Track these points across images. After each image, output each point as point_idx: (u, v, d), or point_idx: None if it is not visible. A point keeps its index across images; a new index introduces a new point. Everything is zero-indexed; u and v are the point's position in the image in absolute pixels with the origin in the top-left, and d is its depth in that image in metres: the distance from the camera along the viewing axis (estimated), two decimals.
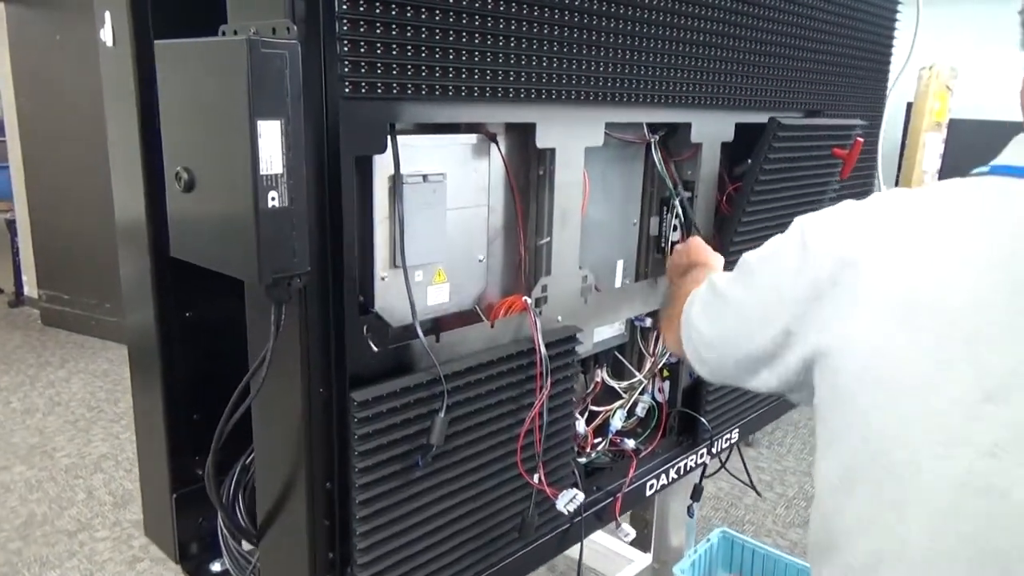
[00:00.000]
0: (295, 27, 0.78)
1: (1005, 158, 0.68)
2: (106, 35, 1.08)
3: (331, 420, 0.91)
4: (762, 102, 1.46)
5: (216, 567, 1.23)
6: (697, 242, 1.29)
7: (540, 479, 1.13)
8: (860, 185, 1.87)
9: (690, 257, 1.24)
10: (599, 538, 2.25)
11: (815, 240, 0.73)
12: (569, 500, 1.14)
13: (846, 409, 0.68)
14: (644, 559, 2.28)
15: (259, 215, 0.75)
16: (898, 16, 1.87)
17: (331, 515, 0.94)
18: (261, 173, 0.75)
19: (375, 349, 0.94)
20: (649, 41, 1.17)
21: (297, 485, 0.93)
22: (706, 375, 0.91)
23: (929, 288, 0.63)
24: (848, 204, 0.75)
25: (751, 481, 2.00)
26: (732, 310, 0.84)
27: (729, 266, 1.03)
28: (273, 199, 0.76)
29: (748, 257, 0.83)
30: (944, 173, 5.09)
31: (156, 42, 0.83)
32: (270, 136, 0.74)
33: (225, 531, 1.14)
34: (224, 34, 0.84)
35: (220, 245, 0.81)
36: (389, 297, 1.01)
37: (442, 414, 0.96)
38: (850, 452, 0.68)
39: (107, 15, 1.07)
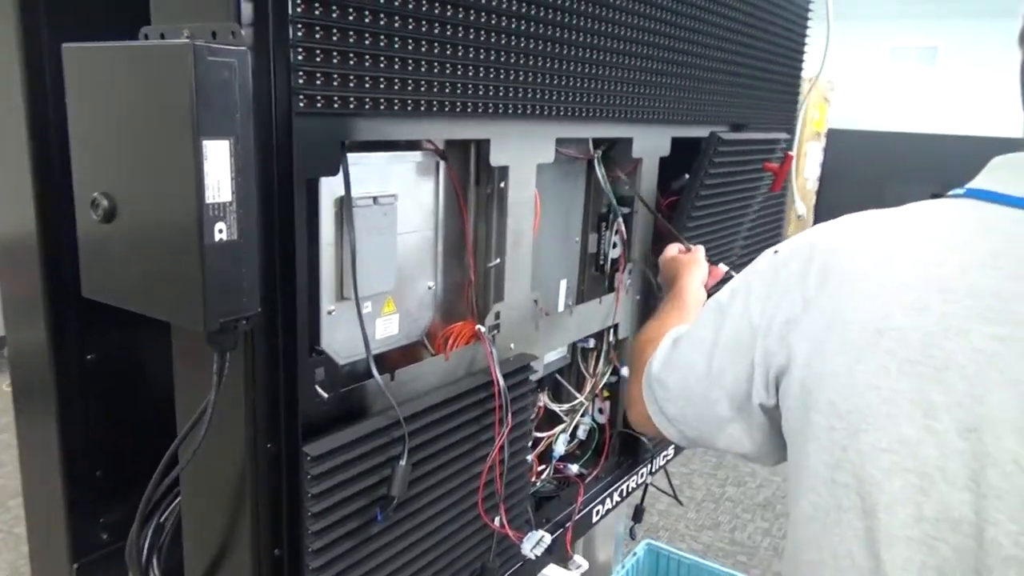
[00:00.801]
0: (242, 31, 0.67)
1: (980, 182, 0.67)
2: None
3: (280, 478, 0.80)
4: (695, 116, 1.45)
5: None
6: (681, 262, 1.25)
7: (502, 522, 1.05)
8: (778, 195, 1.91)
9: (673, 279, 1.22)
10: None
11: (787, 268, 0.71)
12: (536, 543, 1.07)
13: (815, 436, 0.66)
14: None
15: (204, 251, 0.64)
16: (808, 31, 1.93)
17: None
18: (207, 202, 0.63)
19: (327, 393, 0.83)
20: (599, 55, 1.12)
21: (239, 553, 0.81)
22: (674, 436, 0.84)
23: (901, 313, 0.61)
24: (820, 229, 0.73)
25: (673, 491, 2.00)
26: (699, 353, 0.78)
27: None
28: (220, 232, 0.65)
29: (718, 297, 0.79)
30: (824, 180, 5.41)
31: (65, 46, 0.70)
32: (217, 158, 0.63)
33: None
34: (147, 37, 0.72)
35: (151, 286, 0.69)
36: (336, 333, 0.90)
37: (404, 462, 0.87)
38: (820, 482, 0.66)
39: None
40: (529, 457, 1.30)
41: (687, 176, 1.45)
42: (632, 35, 1.19)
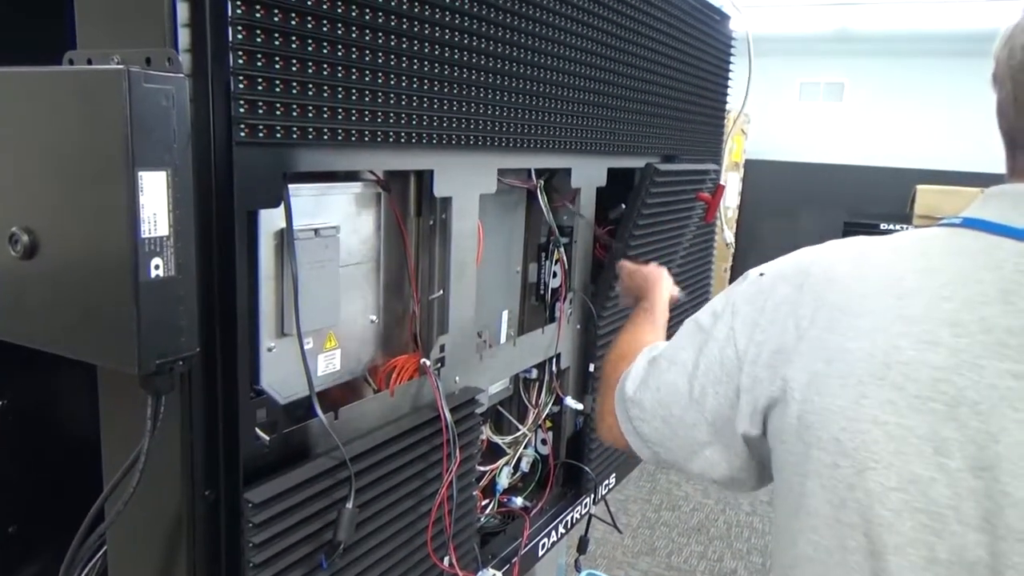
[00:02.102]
0: (179, 57, 0.64)
1: (981, 212, 0.65)
2: None
3: (219, 527, 0.75)
4: (629, 148, 1.48)
5: None
6: (652, 276, 1.26)
7: (451, 562, 1.02)
8: (710, 224, 1.95)
9: (642, 291, 1.22)
10: None
11: (775, 293, 0.69)
12: None
13: (817, 474, 0.63)
14: None
15: (139, 288, 0.60)
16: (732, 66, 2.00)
17: None
18: (143, 236, 0.59)
19: (268, 437, 0.79)
20: (539, 87, 1.13)
21: None
22: (647, 456, 0.82)
23: (909, 347, 0.59)
24: (810, 254, 0.71)
25: (613, 520, 2.00)
26: (678, 375, 0.77)
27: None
28: (157, 267, 0.61)
29: (698, 317, 0.78)
30: (743, 208, 5.62)
31: None
32: (154, 190, 0.60)
33: None
34: (72, 63, 0.68)
35: (78, 326, 0.64)
36: (276, 371, 0.86)
37: (350, 505, 0.83)
38: (822, 522, 0.64)
39: None
40: (474, 492, 1.27)
41: (623, 206, 1.47)
42: (570, 68, 1.20)
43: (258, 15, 0.69)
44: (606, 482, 1.61)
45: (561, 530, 1.46)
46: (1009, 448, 0.55)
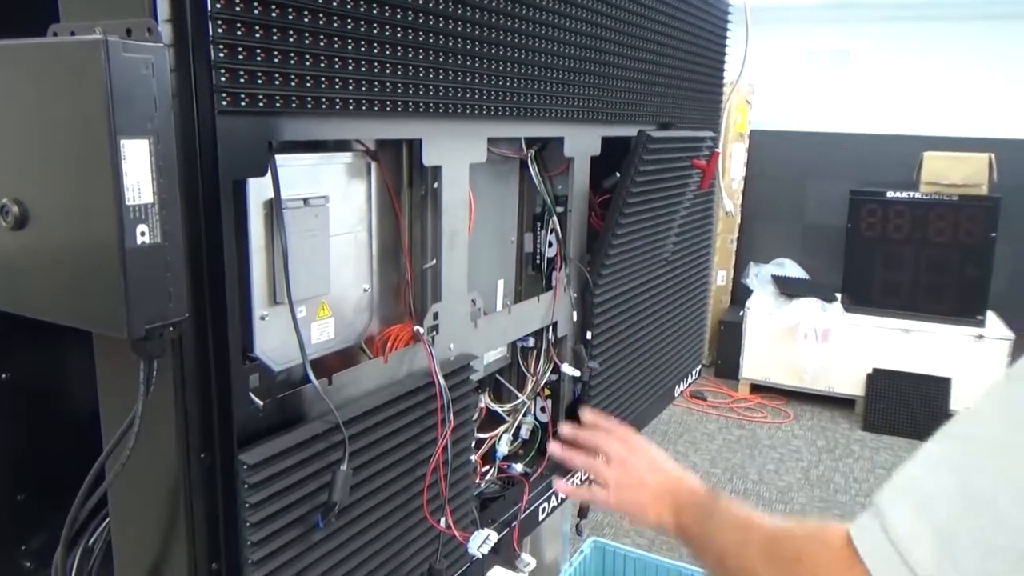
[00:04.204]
0: (158, 28, 0.65)
1: None
2: None
3: (215, 489, 0.77)
4: (623, 116, 1.48)
5: None
6: (644, 456, 0.99)
7: (448, 523, 1.04)
8: (707, 192, 1.95)
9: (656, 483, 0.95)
10: None
11: None
12: (482, 542, 1.06)
13: None
14: None
15: (126, 255, 0.61)
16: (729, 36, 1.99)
17: None
18: (127, 204, 0.61)
19: (262, 400, 0.81)
20: (529, 55, 1.13)
21: (176, 569, 0.78)
22: None
23: None
24: None
25: None
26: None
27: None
28: (143, 235, 0.63)
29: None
30: (748, 179, 5.58)
31: None
32: (137, 158, 0.61)
33: None
34: (56, 35, 0.69)
35: (70, 293, 0.66)
36: (270, 338, 0.88)
37: (344, 466, 0.85)
38: None
39: None
40: (473, 458, 1.29)
41: (618, 175, 1.48)
42: (561, 36, 1.20)
43: None
44: None
45: (561, 495, 1.48)
46: None
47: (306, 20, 0.77)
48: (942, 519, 0.56)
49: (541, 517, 1.41)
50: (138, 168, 0.61)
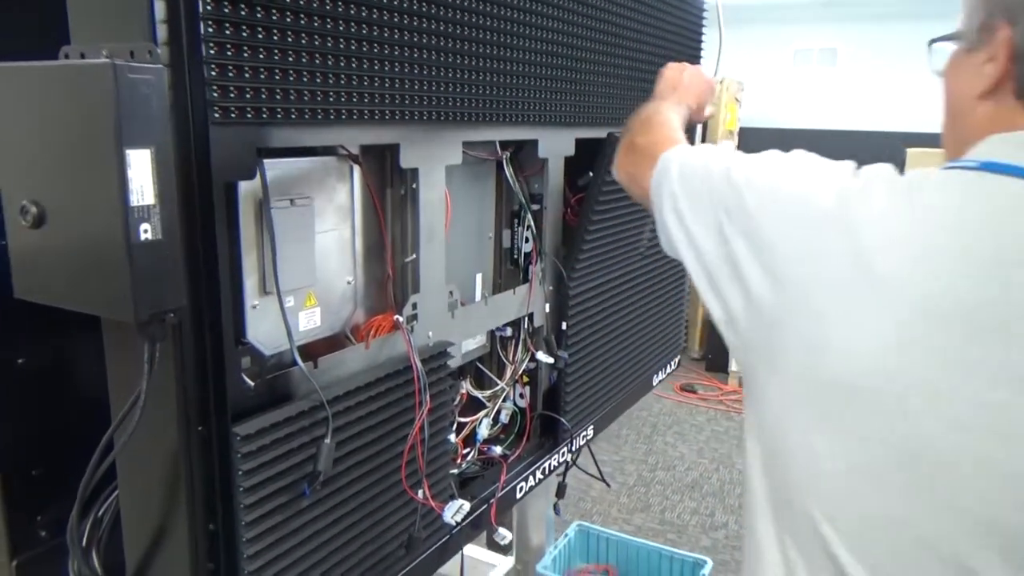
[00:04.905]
0: (158, 50, 0.74)
1: (995, 155, 0.67)
2: None
3: (211, 458, 0.87)
4: (597, 118, 1.57)
5: None
6: (699, 74, 1.29)
7: (425, 494, 1.14)
8: None
9: (682, 85, 1.26)
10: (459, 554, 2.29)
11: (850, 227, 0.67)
12: (456, 511, 1.16)
13: (855, 399, 0.66)
14: (507, 562, 2.34)
15: (131, 249, 0.71)
16: (704, 35, 2.08)
17: (215, 558, 0.89)
18: (132, 205, 0.70)
19: (252, 382, 0.91)
20: (501, 64, 1.23)
21: (177, 530, 0.88)
22: (661, 237, 0.88)
23: (964, 282, 0.62)
24: (858, 205, 0.68)
25: (600, 473, 2.12)
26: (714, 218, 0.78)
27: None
28: (146, 231, 0.72)
29: (769, 171, 0.77)
30: None
31: None
32: (140, 165, 0.71)
33: None
34: (67, 56, 0.78)
35: (83, 283, 0.75)
36: (261, 325, 0.97)
37: (328, 440, 0.95)
38: (864, 448, 0.66)
39: None
40: (453, 440, 1.39)
41: (591, 174, 1.57)
42: (532, 44, 1.30)
43: (226, 10, 0.79)
44: (583, 432, 1.72)
45: (539, 476, 1.57)
46: None
47: (289, 40, 0.86)
48: (687, 174, 0.86)
49: (519, 495, 1.51)
50: (141, 174, 0.71)
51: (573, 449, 1.70)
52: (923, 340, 0.63)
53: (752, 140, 5.68)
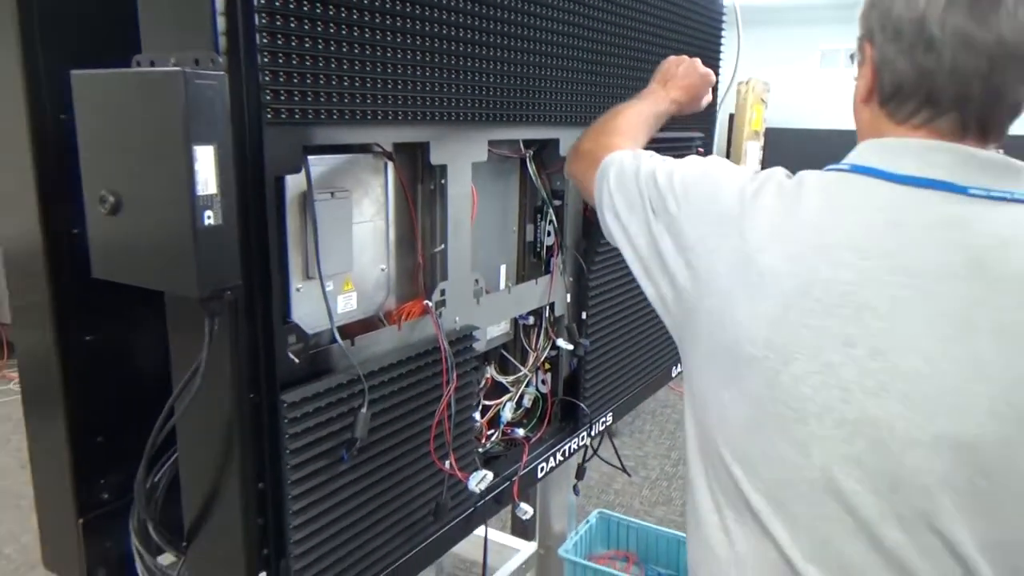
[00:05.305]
0: (220, 59, 0.84)
1: (865, 160, 0.80)
2: None
3: (261, 423, 0.97)
4: None
5: None
6: (694, 67, 1.38)
7: (451, 465, 1.23)
8: None
9: (671, 74, 1.36)
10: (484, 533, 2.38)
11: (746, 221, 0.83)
12: (480, 480, 1.25)
13: (748, 364, 0.80)
14: (529, 547, 2.42)
15: (197, 233, 0.81)
16: (723, 37, 2.15)
17: (263, 513, 0.99)
18: (198, 194, 0.81)
19: (298, 357, 1.01)
20: (525, 68, 1.32)
21: (230, 488, 0.98)
22: (604, 233, 1.05)
23: (826, 269, 0.77)
24: (750, 205, 0.84)
25: (621, 463, 2.20)
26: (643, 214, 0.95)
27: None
28: (209, 217, 0.82)
29: (687, 176, 0.93)
30: None
31: (74, 72, 0.86)
32: (205, 160, 0.81)
33: (140, 548, 1.15)
34: (139, 64, 0.89)
35: (153, 263, 0.85)
36: (304, 307, 1.07)
37: (364, 410, 1.05)
38: (755, 398, 0.81)
39: None
40: (479, 422, 1.48)
41: None
42: (554, 49, 1.38)
43: (278, 23, 0.89)
44: (602, 418, 1.80)
45: (559, 457, 1.66)
46: (899, 337, 0.74)
47: (332, 49, 0.96)
48: (622, 176, 1.01)
49: (540, 475, 1.59)
50: (206, 167, 0.81)
51: (592, 433, 1.78)
52: (795, 318, 0.78)
53: (778, 141, 5.70)
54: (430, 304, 1.23)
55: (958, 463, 0.72)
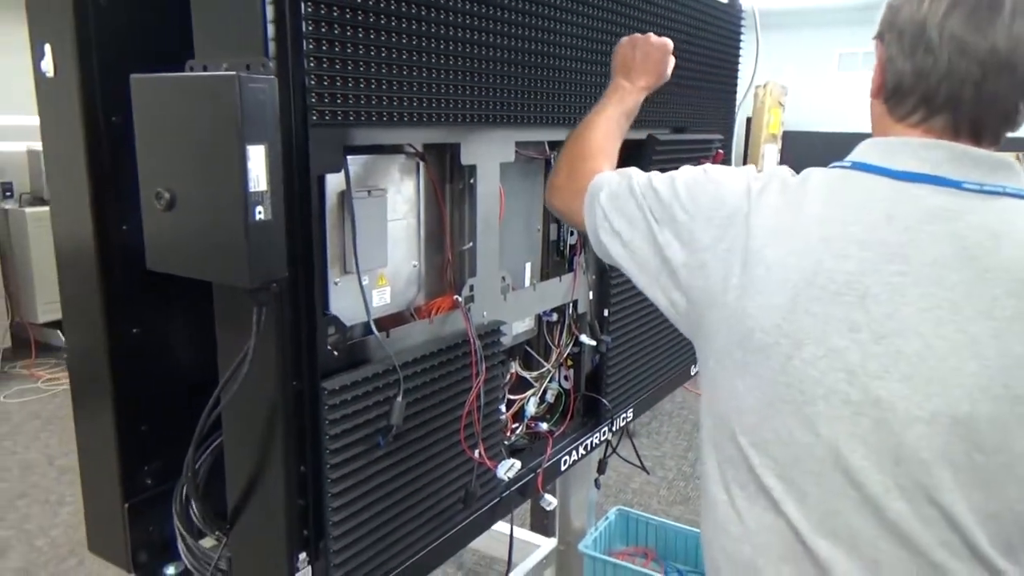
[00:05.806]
0: (270, 63, 0.90)
1: (865, 157, 0.85)
2: (47, 66, 1.13)
3: (303, 409, 1.02)
4: (639, 121, 1.69)
5: (170, 570, 1.28)
6: (649, 46, 1.31)
7: (480, 453, 1.28)
8: None
9: (632, 63, 1.30)
10: (505, 529, 2.42)
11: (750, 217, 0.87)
12: (508, 468, 1.29)
13: (761, 352, 0.84)
14: (549, 543, 2.46)
15: (248, 227, 0.86)
16: (742, 41, 2.18)
17: (304, 495, 1.04)
18: (251, 190, 0.86)
19: (336, 348, 1.06)
20: (551, 72, 1.36)
21: (273, 470, 1.03)
22: (602, 255, 1.06)
23: (830, 260, 0.81)
24: (756, 204, 0.88)
25: (640, 461, 2.23)
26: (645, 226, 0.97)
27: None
28: (260, 213, 0.87)
29: (689, 182, 0.96)
30: None
31: (133, 76, 0.91)
32: (257, 158, 0.86)
33: (183, 530, 1.20)
34: (192, 69, 0.95)
35: (207, 256, 0.91)
36: (341, 300, 1.13)
37: (400, 398, 1.10)
38: (768, 383, 0.84)
39: (47, 47, 1.12)
40: (504, 415, 1.53)
41: None
42: (577, 54, 1.43)
43: (323, 30, 0.94)
44: (623, 414, 1.84)
45: (581, 451, 1.70)
46: (899, 323, 0.78)
47: (372, 55, 1.01)
48: (615, 193, 1.03)
49: (563, 468, 1.64)
50: (257, 165, 0.86)
51: (614, 429, 1.82)
52: (802, 306, 0.82)
53: (796, 144, 5.71)
54: (460, 299, 1.28)
55: (955, 439, 0.76)
